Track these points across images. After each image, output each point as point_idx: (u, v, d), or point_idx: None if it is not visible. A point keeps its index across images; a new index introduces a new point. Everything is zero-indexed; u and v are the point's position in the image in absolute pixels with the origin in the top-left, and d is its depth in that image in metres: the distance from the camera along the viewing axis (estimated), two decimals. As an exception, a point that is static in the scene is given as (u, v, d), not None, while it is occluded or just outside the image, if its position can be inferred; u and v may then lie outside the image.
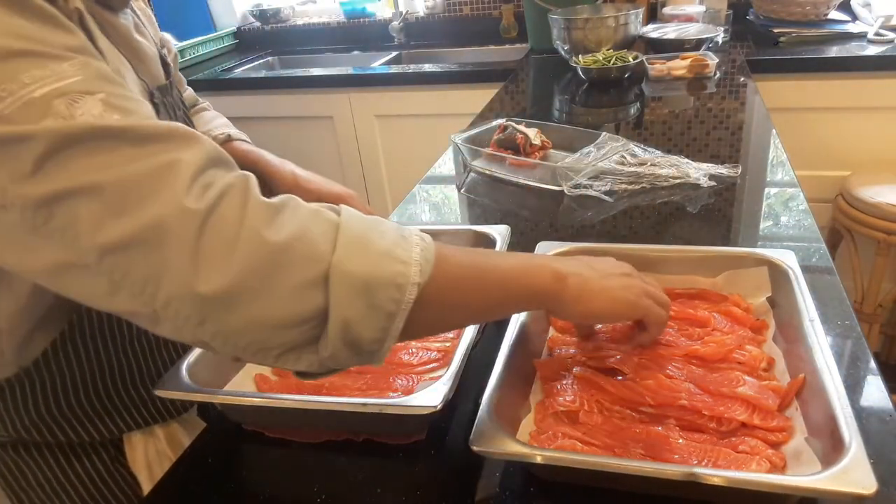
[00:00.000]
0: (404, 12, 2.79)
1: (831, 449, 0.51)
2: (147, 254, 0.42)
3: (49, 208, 0.42)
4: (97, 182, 0.42)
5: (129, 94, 0.48)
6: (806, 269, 0.73)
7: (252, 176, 0.48)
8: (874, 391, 0.65)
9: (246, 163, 0.99)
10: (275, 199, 0.48)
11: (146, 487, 0.79)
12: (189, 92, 1.09)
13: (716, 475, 0.49)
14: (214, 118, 1.09)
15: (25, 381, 0.69)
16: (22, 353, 0.67)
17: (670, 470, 0.51)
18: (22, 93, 0.42)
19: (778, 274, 0.74)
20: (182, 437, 0.83)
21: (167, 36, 0.96)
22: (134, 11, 0.78)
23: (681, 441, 0.58)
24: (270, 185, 0.98)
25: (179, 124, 0.47)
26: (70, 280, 0.45)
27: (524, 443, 0.56)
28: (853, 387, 0.65)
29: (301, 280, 0.45)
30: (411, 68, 2.42)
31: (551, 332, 0.76)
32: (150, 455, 0.80)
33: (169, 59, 0.88)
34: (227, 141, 1.02)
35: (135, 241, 0.42)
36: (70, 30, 0.48)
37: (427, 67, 2.36)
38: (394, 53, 2.74)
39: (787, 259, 0.74)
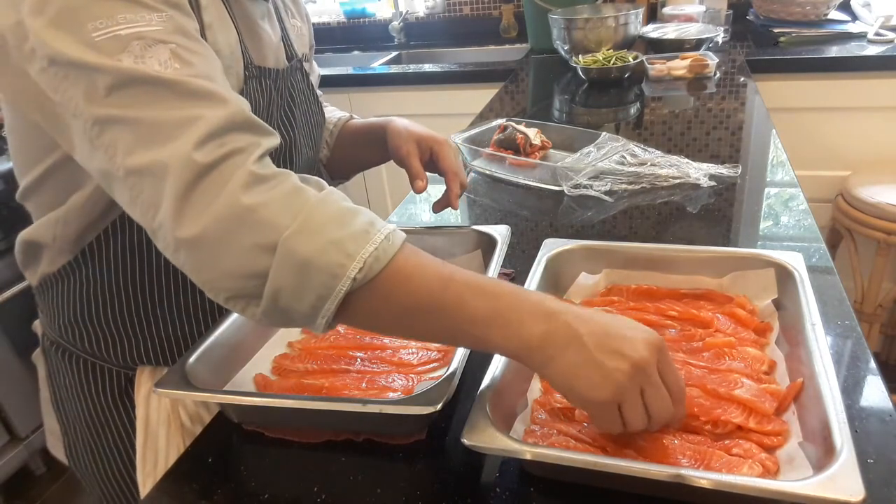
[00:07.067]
0: (404, 12, 2.79)
1: (824, 454, 0.51)
2: (153, 185, 0.53)
3: (101, 127, 0.54)
4: (138, 117, 0.53)
5: (200, 49, 0.58)
6: (806, 270, 0.73)
7: (266, 146, 0.57)
8: (874, 391, 0.65)
9: (366, 134, 1.09)
10: (267, 171, 0.55)
11: (140, 415, 0.83)
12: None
13: (702, 477, 0.49)
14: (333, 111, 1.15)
15: (71, 275, 0.78)
16: (78, 241, 0.75)
17: (657, 471, 0.51)
18: (112, 28, 0.53)
19: (784, 276, 0.73)
20: None
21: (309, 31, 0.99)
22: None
23: (675, 442, 0.58)
24: (391, 142, 0.99)
25: (220, 88, 0.57)
26: (108, 184, 0.58)
27: (515, 439, 0.56)
28: (853, 387, 0.65)
29: (254, 242, 0.52)
30: (411, 68, 2.42)
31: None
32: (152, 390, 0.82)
33: (296, 48, 0.90)
34: (348, 121, 1.11)
35: (147, 171, 0.53)
36: None
37: (427, 67, 2.36)
38: (394, 53, 2.74)
39: (794, 261, 0.74)
